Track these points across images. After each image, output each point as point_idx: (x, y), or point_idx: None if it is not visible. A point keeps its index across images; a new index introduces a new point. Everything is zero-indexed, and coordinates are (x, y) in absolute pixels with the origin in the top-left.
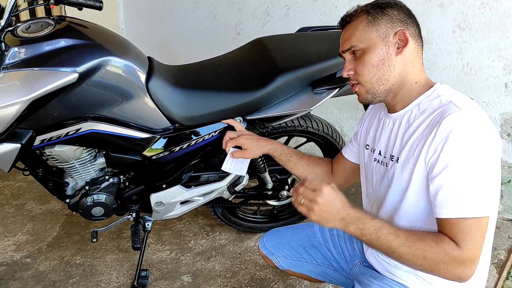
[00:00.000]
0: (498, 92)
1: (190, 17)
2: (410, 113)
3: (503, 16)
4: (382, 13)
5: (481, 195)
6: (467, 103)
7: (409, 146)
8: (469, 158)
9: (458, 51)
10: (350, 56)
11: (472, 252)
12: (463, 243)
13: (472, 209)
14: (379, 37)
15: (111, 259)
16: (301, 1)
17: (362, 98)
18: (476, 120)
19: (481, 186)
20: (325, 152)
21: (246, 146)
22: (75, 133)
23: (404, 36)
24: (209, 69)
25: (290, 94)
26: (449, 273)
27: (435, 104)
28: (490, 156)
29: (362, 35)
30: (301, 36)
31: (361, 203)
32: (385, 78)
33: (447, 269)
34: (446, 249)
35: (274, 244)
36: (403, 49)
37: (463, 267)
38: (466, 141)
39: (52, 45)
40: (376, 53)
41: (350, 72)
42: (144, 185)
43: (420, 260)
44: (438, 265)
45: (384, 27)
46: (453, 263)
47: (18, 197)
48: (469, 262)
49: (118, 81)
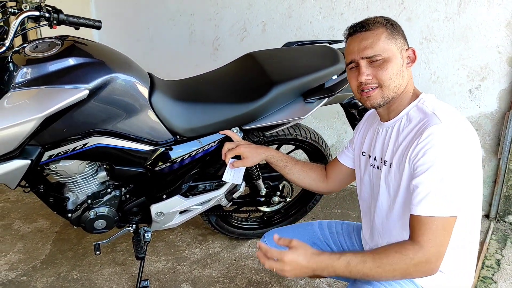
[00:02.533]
0: (463, 98)
1: (167, 34)
2: (400, 122)
3: (465, 28)
4: (396, 30)
5: (450, 197)
6: (448, 114)
7: (400, 152)
8: (443, 164)
9: (426, 61)
10: (366, 62)
11: (435, 250)
12: (427, 242)
13: (440, 209)
14: (397, 50)
15: (109, 273)
16: (277, 17)
17: (374, 102)
18: (453, 131)
19: (452, 189)
20: (312, 158)
21: (246, 155)
22: (82, 148)
23: (414, 54)
24: (206, 83)
25: (283, 104)
26: (419, 273)
27: (420, 114)
28: (463, 163)
29: (385, 46)
30: (289, 50)
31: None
32: (398, 86)
33: (417, 270)
34: (410, 255)
35: (275, 243)
36: (411, 64)
37: (429, 264)
38: (442, 149)
39: (62, 64)
40: (396, 63)
41: (369, 77)
42: (145, 196)
43: (392, 272)
44: (408, 270)
45: (400, 42)
46: (420, 264)
47: (3, 217)
48: (434, 258)
49: (124, 97)
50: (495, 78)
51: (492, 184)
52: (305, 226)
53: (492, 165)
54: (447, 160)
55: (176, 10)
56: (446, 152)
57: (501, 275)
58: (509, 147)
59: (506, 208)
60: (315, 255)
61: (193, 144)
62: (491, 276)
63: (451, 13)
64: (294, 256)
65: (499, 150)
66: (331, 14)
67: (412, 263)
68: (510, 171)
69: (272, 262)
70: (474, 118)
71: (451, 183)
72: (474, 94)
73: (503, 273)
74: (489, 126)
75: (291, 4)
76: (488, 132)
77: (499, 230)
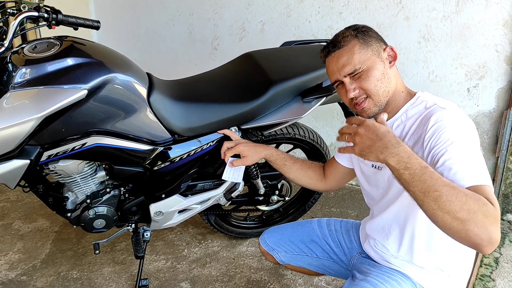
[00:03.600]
0: (461, 96)
1: (166, 34)
2: (400, 121)
3: (463, 27)
4: (368, 35)
5: (485, 168)
6: (449, 104)
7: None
8: (465, 138)
9: (424, 60)
10: (349, 79)
11: (499, 212)
12: (493, 202)
13: (486, 178)
14: (374, 55)
15: (108, 272)
16: (276, 17)
17: (369, 112)
18: (459, 115)
19: (482, 161)
20: (311, 157)
21: (245, 154)
22: (81, 148)
23: (392, 51)
24: (205, 83)
25: (281, 103)
26: (483, 228)
27: (421, 108)
28: (477, 141)
29: (361, 58)
30: (287, 50)
31: (352, 202)
32: (387, 89)
33: (483, 222)
34: (484, 200)
35: (274, 240)
36: (394, 62)
37: (495, 225)
38: (455, 127)
39: (61, 64)
40: (377, 68)
41: (356, 91)
42: (144, 196)
43: (460, 204)
44: (476, 214)
45: (375, 46)
46: (490, 216)
47: (3, 218)
48: (498, 222)
49: (123, 97)
50: (493, 77)
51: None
52: (304, 223)
53: (490, 164)
54: (463, 136)
55: (175, 10)
56: (459, 130)
57: (499, 273)
58: (507, 146)
59: (505, 207)
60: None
61: (192, 143)
62: (489, 274)
63: (449, 12)
64: (374, 123)
65: (497, 148)
66: (329, 13)
67: (484, 210)
68: (508, 169)
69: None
70: (472, 116)
71: (476, 156)
72: (472, 92)
73: (501, 271)
74: (487, 125)
75: (290, 4)
76: (486, 131)
77: None
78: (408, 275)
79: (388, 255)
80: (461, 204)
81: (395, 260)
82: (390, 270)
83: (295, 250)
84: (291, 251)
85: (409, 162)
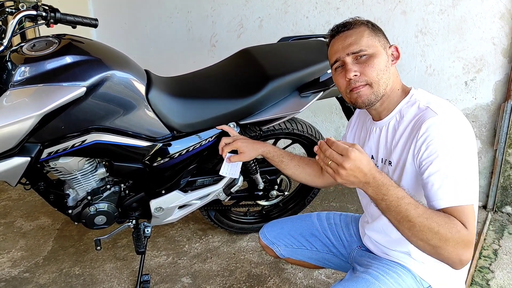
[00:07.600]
0: (459, 90)
1: (165, 31)
2: (394, 120)
3: (460, 21)
4: (377, 28)
5: (469, 184)
6: (443, 107)
7: (399, 149)
8: (452, 152)
9: (421, 54)
10: (352, 59)
11: (473, 235)
12: (468, 225)
13: (466, 197)
14: (381, 46)
15: (110, 268)
16: (274, 13)
17: (364, 99)
18: (450, 122)
19: (468, 176)
20: (309, 152)
21: (242, 150)
22: (81, 145)
23: (397, 51)
24: (203, 79)
25: (279, 98)
26: (454, 253)
27: (414, 110)
28: (468, 150)
29: (368, 42)
30: (284, 45)
31: (351, 197)
32: (387, 82)
33: (454, 247)
34: (457, 227)
35: (274, 234)
36: (396, 61)
37: (467, 249)
38: (442, 140)
39: (59, 62)
40: (382, 59)
41: (357, 73)
42: (144, 192)
43: (432, 233)
44: (448, 242)
45: (382, 39)
46: (461, 242)
47: (5, 216)
48: (471, 244)
49: (121, 94)
50: (491, 70)
51: (489, 175)
52: (304, 217)
53: (488, 157)
54: (453, 147)
55: (173, 7)
56: (447, 142)
57: (498, 265)
58: (505, 138)
59: (503, 199)
60: (377, 170)
61: (191, 139)
62: (488, 266)
63: (446, 5)
64: (360, 156)
65: (496, 141)
66: (326, 8)
67: (456, 237)
68: (506, 162)
69: (334, 153)
70: (470, 110)
71: (466, 170)
72: (470, 86)
73: (500, 263)
74: (485, 118)
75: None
76: (484, 124)
77: (496, 221)
78: (408, 267)
79: (387, 248)
80: (433, 233)
81: (393, 252)
82: (390, 263)
83: (295, 244)
84: (291, 245)
85: (386, 194)
